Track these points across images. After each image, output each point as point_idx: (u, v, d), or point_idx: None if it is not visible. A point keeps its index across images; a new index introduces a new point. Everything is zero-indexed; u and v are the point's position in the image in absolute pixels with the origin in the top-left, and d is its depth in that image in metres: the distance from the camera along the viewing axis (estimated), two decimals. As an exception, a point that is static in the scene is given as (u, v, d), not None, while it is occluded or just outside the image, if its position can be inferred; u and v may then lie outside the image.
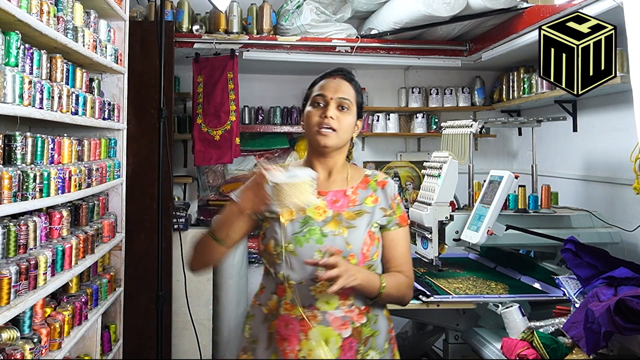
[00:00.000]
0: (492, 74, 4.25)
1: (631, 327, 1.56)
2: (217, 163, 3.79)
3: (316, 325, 1.40)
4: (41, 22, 1.87)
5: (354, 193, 1.52)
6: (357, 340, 1.42)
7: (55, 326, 1.99)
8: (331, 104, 1.47)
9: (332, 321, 1.41)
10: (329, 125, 1.45)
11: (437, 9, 3.15)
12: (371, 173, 1.59)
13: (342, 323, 1.41)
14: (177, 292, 3.35)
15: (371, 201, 1.52)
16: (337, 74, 1.54)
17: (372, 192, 1.54)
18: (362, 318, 1.44)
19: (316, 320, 1.41)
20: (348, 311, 1.43)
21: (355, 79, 1.57)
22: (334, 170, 1.54)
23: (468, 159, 2.73)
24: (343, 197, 1.51)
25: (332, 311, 1.41)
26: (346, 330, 1.41)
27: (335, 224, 1.46)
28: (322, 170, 1.53)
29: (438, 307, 2.29)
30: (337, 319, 1.41)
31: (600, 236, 2.49)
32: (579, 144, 3.36)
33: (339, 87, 1.50)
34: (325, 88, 1.50)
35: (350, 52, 3.75)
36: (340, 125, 1.47)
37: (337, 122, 1.46)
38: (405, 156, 4.31)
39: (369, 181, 1.56)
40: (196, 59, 3.71)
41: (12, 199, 1.68)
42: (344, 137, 1.50)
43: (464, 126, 2.79)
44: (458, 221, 2.49)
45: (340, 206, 1.49)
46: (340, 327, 1.41)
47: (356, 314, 1.44)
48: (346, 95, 1.49)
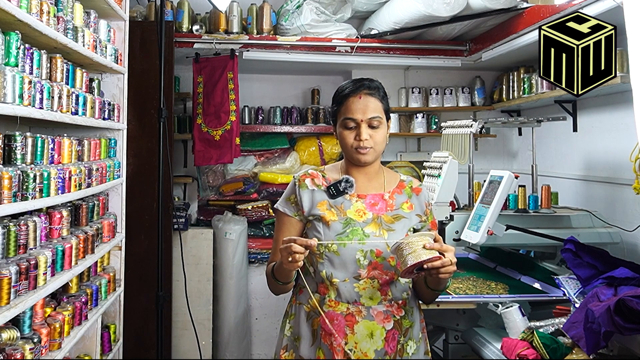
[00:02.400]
0: (492, 74, 4.25)
1: (631, 327, 1.56)
2: (217, 163, 3.79)
3: (361, 320, 1.50)
4: (41, 22, 1.87)
5: (390, 197, 1.61)
6: (398, 332, 1.53)
7: (55, 326, 1.98)
8: (362, 125, 1.53)
9: (376, 315, 1.51)
10: (365, 146, 1.54)
11: (437, 9, 3.15)
12: (406, 179, 1.68)
13: (385, 317, 1.52)
14: (177, 292, 3.35)
15: (407, 207, 1.61)
16: (361, 90, 1.56)
17: (407, 198, 1.62)
18: (401, 311, 1.55)
19: (361, 315, 1.51)
20: (389, 306, 1.53)
21: (379, 86, 1.61)
22: (370, 175, 1.62)
23: (468, 159, 2.74)
24: (381, 200, 1.59)
25: (375, 306, 1.52)
26: (389, 323, 1.52)
27: (375, 225, 1.54)
28: (359, 175, 1.61)
29: (438, 307, 2.29)
30: (380, 313, 1.52)
31: (600, 236, 2.50)
32: (579, 144, 3.36)
33: (367, 106, 1.55)
34: (354, 111, 1.54)
35: (350, 52, 3.75)
36: (375, 142, 1.55)
37: (371, 140, 1.54)
38: (405, 156, 4.31)
39: (405, 187, 1.65)
40: (196, 59, 3.71)
41: (12, 199, 1.67)
42: (380, 149, 1.59)
43: (464, 126, 2.79)
44: (458, 221, 2.49)
45: (379, 209, 1.57)
46: (384, 320, 1.52)
47: (396, 308, 1.54)
48: (375, 113, 1.55)
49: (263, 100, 4.18)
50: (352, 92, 1.57)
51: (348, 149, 1.57)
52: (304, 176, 1.63)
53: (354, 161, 1.59)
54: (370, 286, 1.52)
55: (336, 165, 1.69)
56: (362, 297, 1.52)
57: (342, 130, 1.57)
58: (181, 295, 3.13)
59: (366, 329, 1.50)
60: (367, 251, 1.51)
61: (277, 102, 4.15)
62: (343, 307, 1.51)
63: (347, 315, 1.51)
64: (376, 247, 1.51)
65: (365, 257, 1.51)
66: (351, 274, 1.52)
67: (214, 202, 4.06)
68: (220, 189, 3.98)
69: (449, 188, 2.51)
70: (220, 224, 3.70)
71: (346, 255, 1.51)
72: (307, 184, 1.61)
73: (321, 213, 1.55)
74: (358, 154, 1.55)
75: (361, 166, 1.59)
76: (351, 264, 1.51)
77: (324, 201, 1.57)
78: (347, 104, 1.56)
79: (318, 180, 1.61)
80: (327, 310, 1.51)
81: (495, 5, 3.11)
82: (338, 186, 1.57)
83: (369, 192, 1.60)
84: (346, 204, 1.57)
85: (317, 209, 1.56)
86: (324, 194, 1.58)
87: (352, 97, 1.57)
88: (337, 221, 1.54)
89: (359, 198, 1.58)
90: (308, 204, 1.58)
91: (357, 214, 1.55)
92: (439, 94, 4.17)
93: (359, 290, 1.52)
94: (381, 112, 1.57)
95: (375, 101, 1.56)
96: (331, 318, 1.51)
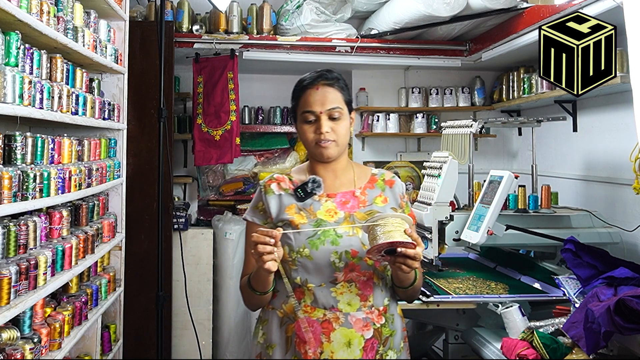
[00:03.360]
0: (492, 74, 4.25)
1: (631, 327, 1.56)
2: (217, 163, 3.79)
3: (338, 328, 1.41)
4: (41, 22, 1.87)
5: (362, 193, 1.52)
6: (378, 341, 1.44)
7: (55, 326, 1.98)
8: (322, 118, 1.45)
9: (355, 323, 1.42)
10: (326, 139, 1.45)
11: (437, 9, 3.15)
12: (378, 172, 1.59)
13: (364, 324, 1.42)
14: (177, 292, 3.35)
15: (381, 201, 1.52)
16: (318, 82, 1.48)
17: (381, 191, 1.54)
18: (381, 319, 1.45)
19: (338, 322, 1.41)
20: (369, 312, 1.44)
21: (338, 77, 1.52)
22: (338, 172, 1.53)
23: (468, 159, 2.73)
24: (352, 198, 1.51)
25: (354, 313, 1.42)
26: (368, 331, 1.42)
27: (348, 224, 1.46)
28: (327, 173, 1.52)
29: (438, 307, 2.29)
30: (359, 320, 1.42)
31: (600, 236, 2.49)
32: (579, 144, 3.36)
33: (326, 97, 1.46)
34: (312, 103, 1.46)
35: (350, 52, 3.75)
36: (337, 135, 1.46)
37: (333, 133, 1.46)
38: (405, 156, 4.31)
39: (377, 180, 1.56)
40: (196, 59, 3.71)
41: (12, 199, 1.68)
42: (344, 142, 1.50)
43: (464, 126, 2.79)
44: (458, 221, 2.49)
45: (351, 207, 1.49)
46: (363, 328, 1.42)
47: (376, 315, 1.45)
48: (335, 104, 1.47)
49: (263, 100, 4.18)
50: (309, 85, 1.48)
51: (310, 145, 1.48)
52: (269, 181, 1.54)
53: (317, 158, 1.50)
54: (348, 291, 1.43)
55: (302, 166, 1.60)
56: (340, 302, 1.42)
57: (302, 126, 1.49)
58: (181, 295, 3.13)
59: (343, 337, 1.40)
60: (341, 252, 1.42)
61: (277, 102, 4.15)
62: (319, 313, 1.42)
63: (324, 322, 1.41)
64: (351, 248, 1.42)
65: (341, 259, 1.42)
66: (327, 278, 1.42)
67: (214, 202, 4.06)
68: (220, 189, 3.99)
69: (449, 188, 2.51)
70: (220, 224, 3.70)
71: (320, 259, 1.41)
72: (273, 189, 1.52)
73: (290, 217, 1.46)
74: (320, 148, 1.46)
75: (327, 163, 1.50)
76: (326, 268, 1.42)
77: (292, 205, 1.49)
78: (305, 97, 1.48)
79: (285, 184, 1.53)
80: (303, 317, 1.42)
81: (495, 5, 3.11)
82: (305, 188, 1.48)
83: (338, 190, 1.51)
84: (316, 205, 1.48)
85: (285, 214, 1.48)
86: (292, 198, 1.50)
87: (309, 89, 1.48)
88: (307, 224, 1.45)
89: (329, 197, 1.49)
90: (275, 210, 1.49)
91: (328, 214, 1.47)
92: (439, 94, 4.17)
93: (336, 295, 1.42)
94: (342, 103, 1.48)
95: (334, 92, 1.48)
96: (306, 324, 1.42)
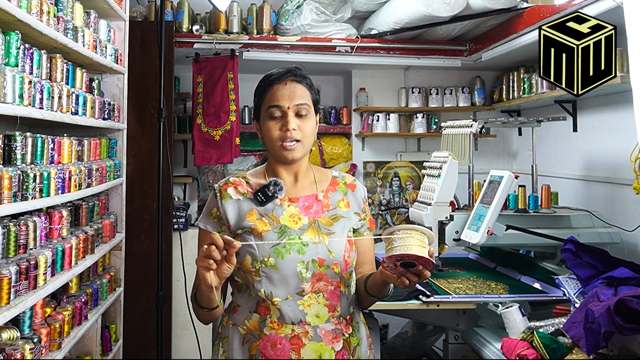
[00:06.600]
0: (492, 74, 4.25)
1: (631, 327, 1.56)
2: (217, 163, 3.79)
3: (308, 342, 1.34)
4: (41, 22, 1.87)
5: (325, 197, 1.46)
6: (347, 352, 1.38)
7: (55, 326, 1.99)
8: (289, 113, 1.39)
9: (324, 335, 1.36)
10: (293, 137, 1.38)
11: (437, 9, 3.15)
12: (338, 174, 1.54)
13: (333, 336, 1.37)
14: (177, 292, 3.35)
15: (344, 205, 1.47)
16: (286, 77, 1.43)
17: (343, 195, 1.49)
18: (349, 328, 1.41)
19: (308, 336, 1.34)
20: (337, 323, 1.38)
21: (306, 75, 1.47)
22: (300, 175, 1.47)
23: (468, 159, 2.73)
24: (315, 201, 1.44)
25: (323, 325, 1.36)
26: (338, 343, 1.37)
27: (313, 231, 1.39)
28: (287, 176, 1.46)
29: (438, 307, 2.29)
30: (328, 332, 1.36)
31: (600, 236, 2.49)
32: (579, 144, 3.36)
33: (294, 92, 1.41)
34: (279, 97, 1.40)
35: (350, 52, 3.75)
36: (303, 134, 1.40)
37: (299, 132, 1.39)
38: (405, 156, 4.31)
39: (338, 183, 1.51)
40: (196, 59, 3.71)
41: (12, 199, 1.68)
42: (309, 143, 1.43)
43: (464, 126, 2.79)
44: (458, 221, 2.49)
45: (315, 212, 1.42)
46: (333, 340, 1.36)
47: (344, 325, 1.40)
48: (303, 100, 1.41)
49: (263, 100, 4.17)
50: (276, 79, 1.43)
51: (274, 144, 1.40)
52: (225, 185, 1.45)
53: (280, 158, 1.42)
54: (316, 302, 1.35)
55: (258, 169, 1.52)
56: (308, 315, 1.34)
57: (266, 122, 1.42)
58: (181, 295, 3.13)
59: (314, 352, 1.33)
60: (308, 261, 1.35)
61: (277, 102, 4.14)
62: (287, 329, 1.33)
63: (292, 337, 1.33)
64: (318, 256, 1.36)
65: (308, 269, 1.34)
66: (293, 290, 1.34)
67: (214, 202, 4.06)
68: (220, 189, 3.98)
69: (449, 188, 2.51)
70: (220, 224, 3.69)
71: (286, 269, 1.33)
72: (230, 193, 1.42)
73: (252, 224, 1.37)
74: (284, 149, 1.38)
75: (288, 164, 1.43)
76: (292, 279, 1.34)
77: (252, 211, 1.40)
78: (272, 92, 1.42)
79: (242, 188, 1.44)
80: (269, 334, 1.34)
81: (495, 5, 3.11)
82: (266, 191, 1.40)
83: (300, 194, 1.44)
84: (278, 210, 1.40)
85: (246, 221, 1.38)
86: (252, 203, 1.41)
87: (277, 84, 1.42)
88: (271, 231, 1.36)
89: (291, 202, 1.42)
90: (234, 217, 1.40)
91: (292, 220, 1.39)
92: (439, 94, 4.17)
93: (303, 308, 1.35)
94: (309, 101, 1.42)
95: (302, 88, 1.42)
96: (274, 342, 1.33)
